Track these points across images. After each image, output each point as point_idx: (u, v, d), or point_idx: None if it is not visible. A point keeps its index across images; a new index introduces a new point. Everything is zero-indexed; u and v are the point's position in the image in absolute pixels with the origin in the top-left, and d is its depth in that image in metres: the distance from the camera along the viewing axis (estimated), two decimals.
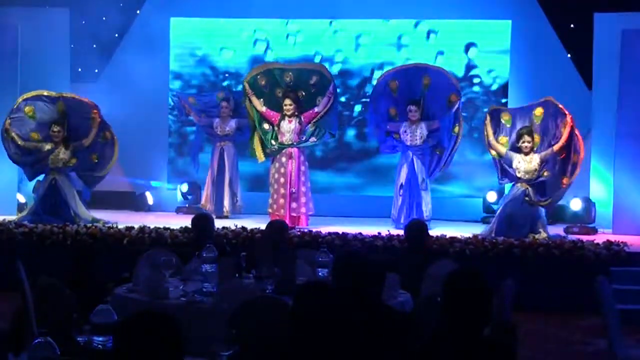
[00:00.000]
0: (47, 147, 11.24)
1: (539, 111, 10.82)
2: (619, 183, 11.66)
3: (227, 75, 13.66)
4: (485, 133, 10.99)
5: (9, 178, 12.32)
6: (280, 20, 13.56)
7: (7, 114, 11.31)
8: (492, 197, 12.39)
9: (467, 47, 13.26)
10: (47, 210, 11.12)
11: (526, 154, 10.65)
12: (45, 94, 11.48)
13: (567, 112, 10.63)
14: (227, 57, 13.71)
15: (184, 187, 13.05)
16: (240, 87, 12.18)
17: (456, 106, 11.22)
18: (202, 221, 7.66)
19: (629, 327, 7.35)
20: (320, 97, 11.38)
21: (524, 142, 10.64)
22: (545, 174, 10.63)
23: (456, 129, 11.32)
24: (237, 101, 12.20)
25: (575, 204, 11.82)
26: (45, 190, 11.25)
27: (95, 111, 11.43)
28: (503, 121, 10.96)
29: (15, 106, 11.32)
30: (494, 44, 13.25)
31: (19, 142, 11.24)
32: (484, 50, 13.26)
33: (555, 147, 10.58)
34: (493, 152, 10.94)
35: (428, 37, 13.31)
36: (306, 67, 11.85)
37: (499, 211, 10.82)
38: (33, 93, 11.44)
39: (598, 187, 12.22)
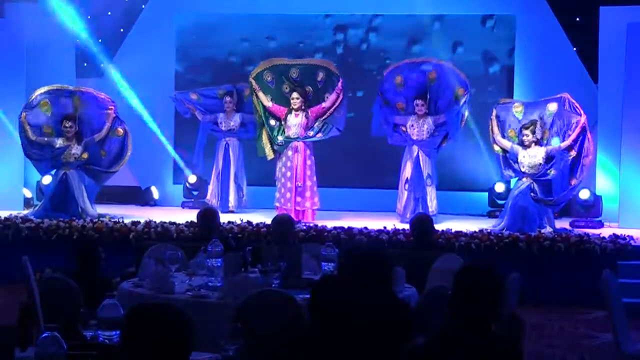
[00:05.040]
0: (59, 142, 11.24)
1: (552, 106, 10.81)
2: (625, 176, 11.65)
3: (232, 70, 13.64)
4: (490, 128, 11.00)
5: (15, 173, 12.36)
6: (285, 15, 13.55)
7: (23, 107, 11.32)
8: (500, 187, 12.36)
9: (473, 41, 13.24)
10: (55, 206, 11.12)
11: (527, 146, 10.65)
12: (62, 87, 11.49)
13: (582, 112, 10.62)
14: (232, 52, 13.70)
15: (192, 179, 13.02)
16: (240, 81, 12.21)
17: (463, 100, 11.21)
18: (208, 215, 7.67)
19: (634, 321, 7.34)
20: (328, 93, 11.37)
21: (524, 136, 10.67)
22: (552, 172, 10.60)
23: (462, 123, 11.35)
24: (240, 95, 12.20)
25: (582, 197, 11.79)
26: (56, 185, 11.26)
27: (111, 107, 11.47)
28: (515, 112, 10.95)
29: (31, 99, 11.32)
30: (499, 38, 13.23)
31: (32, 137, 11.24)
32: (489, 45, 13.24)
33: (563, 144, 10.57)
34: (497, 148, 10.95)
35: (435, 30, 13.29)
36: (313, 63, 11.83)
37: (509, 205, 10.77)
38: (49, 87, 11.43)
39: (604, 180, 12.20)
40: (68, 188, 11.22)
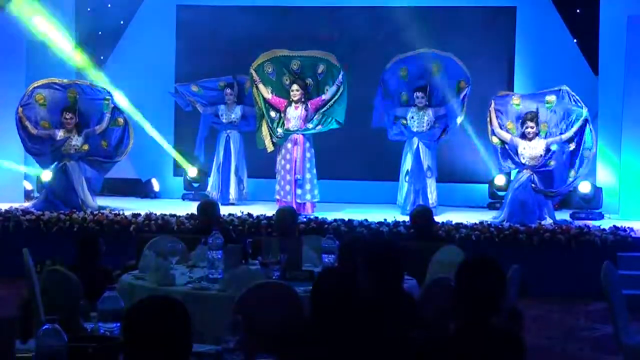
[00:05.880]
0: (60, 134, 11.23)
1: (551, 98, 10.81)
2: (625, 168, 11.66)
3: (232, 62, 13.60)
4: (489, 120, 11.00)
5: (16, 165, 12.34)
6: (285, 6, 13.52)
7: (19, 102, 11.29)
8: (500, 180, 12.35)
9: (473, 33, 13.21)
10: (56, 198, 11.13)
11: (530, 139, 10.66)
12: (57, 81, 11.48)
13: (583, 105, 10.62)
14: (232, 44, 13.64)
15: (192, 171, 13.02)
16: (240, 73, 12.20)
17: (464, 92, 11.21)
18: (208, 208, 7.67)
19: (634, 313, 7.34)
20: (328, 86, 11.34)
21: (527, 127, 10.66)
22: (552, 163, 10.61)
23: (461, 117, 11.32)
24: (241, 87, 12.19)
25: (582, 189, 11.79)
26: (56, 176, 11.25)
27: (108, 97, 11.47)
28: (513, 104, 10.95)
29: (26, 93, 11.31)
30: (500, 30, 13.21)
31: (33, 131, 11.23)
32: (489, 37, 13.22)
33: (564, 136, 10.59)
34: (495, 140, 10.96)
35: (434, 21, 13.25)
36: (314, 55, 11.74)
37: (509, 197, 10.79)
38: (44, 80, 11.41)
39: (605, 172, 12.20)
40: (68, 179, 11.21)
